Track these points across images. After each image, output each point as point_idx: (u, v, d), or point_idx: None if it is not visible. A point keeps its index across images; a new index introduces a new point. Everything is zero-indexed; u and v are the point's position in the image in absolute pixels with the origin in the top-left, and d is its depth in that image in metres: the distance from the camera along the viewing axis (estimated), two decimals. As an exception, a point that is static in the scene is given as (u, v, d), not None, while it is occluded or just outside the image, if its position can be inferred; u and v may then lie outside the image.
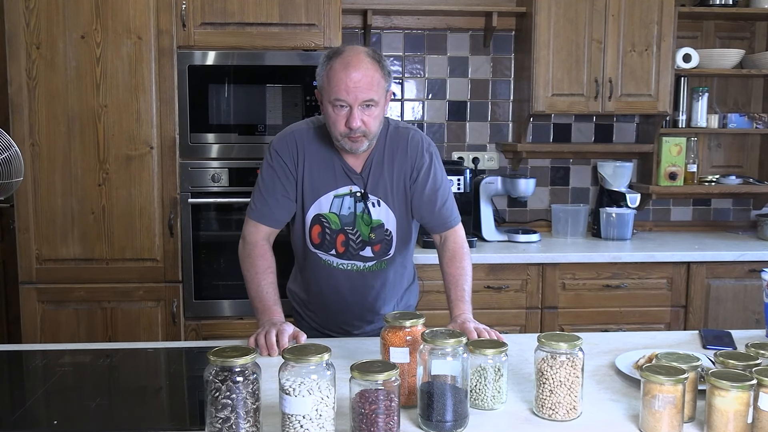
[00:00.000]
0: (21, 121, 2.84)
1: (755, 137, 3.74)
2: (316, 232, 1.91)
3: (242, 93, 2.95)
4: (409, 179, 1.90)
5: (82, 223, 2.91)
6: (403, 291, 2.08)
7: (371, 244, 1.92)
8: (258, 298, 1.86)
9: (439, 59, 3.58)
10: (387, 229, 1.92)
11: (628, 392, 1.49)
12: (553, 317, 3.12)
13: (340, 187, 1.88)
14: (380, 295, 2.00)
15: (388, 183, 1.89)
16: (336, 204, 1.89)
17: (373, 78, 1.73)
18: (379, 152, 1.89)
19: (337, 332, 2.03)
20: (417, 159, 1.90)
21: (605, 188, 3.54)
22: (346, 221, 1.89)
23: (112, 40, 2.84)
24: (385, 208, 1.90)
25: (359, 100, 1.72)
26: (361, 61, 1.73)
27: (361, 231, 1.90)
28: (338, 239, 1.90)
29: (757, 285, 3.10)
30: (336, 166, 1.88)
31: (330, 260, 1.94)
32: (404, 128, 1.94)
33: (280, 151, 1.89)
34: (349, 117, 1.74)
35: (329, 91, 1.74)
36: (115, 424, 1.41)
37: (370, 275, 1.95)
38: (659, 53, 3.29)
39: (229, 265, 3.00)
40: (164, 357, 1.85)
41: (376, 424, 1.19)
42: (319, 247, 1.93)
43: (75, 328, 2.93)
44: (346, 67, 1.72)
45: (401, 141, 1.90)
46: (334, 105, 1.75)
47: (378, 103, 1.76)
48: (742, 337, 1.84)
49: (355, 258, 1.93)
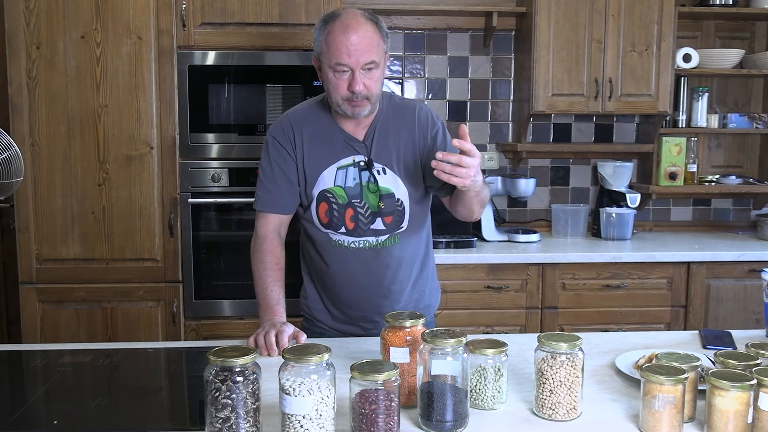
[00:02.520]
0: (21, 121, 2.84)
1: (755, 137, 3.74)
2: (323, 210, 1.87)
3: (242, 93, 2.95)
4: (421, 148, 1.88)
5: (82, 223, 2.91)
6: (418, 272, 2.00)
7: (381, 215, 1.87)
8: (262, 295, 1.86)
9: (439, 59, 3.58)
10: (398, 198, 1.87)
11: (628, 392, 1.49)
12: (553, 317, 3.12)
13: (342, 158, 1.86)
14: (396, 278, 1.93)
15: (394, 151, 1.86)
16: (340, 176, 1.86)
17: (372, 39, 1.73)
18: (383, 121, 1.87)
19: (352, 334, 1.96)
20: (430, 128, 1.89)
21: (605, 188, 3.54)
22: (353, 193, 1.86)
23: (112, 40, 2.84)
24: (392, 176, 1.87)
25: (360, 63, 1.71)
26: (359, 23, 1.73)
27: (369, 202, 1.86)
28: (347, 214, 1.86)
29: (757, 285, 3.10)
30: (336, 137, 1.86)
31: (341, 239, 1.89)
32: (409, 100, 1.95)
33: (276, 135, 1.89)
34: (351, 81, 1.72)
35: (329, 55, 1.73)
36: (115, 424, 1.41)
37: (384, 252, 1.90)
38: (659, 53, 3.29)
39: (229, 265, 3.00)
40: (164, 357, 1.85)
41: (376, 424, 1.19)
42: (328, 226, 1.88)
43: (75, 328, 2.93)
44: (345, 30, 1.71)
45: (407, 112, 1.90)
46: (335, 70, 1.73)
47: (379, 64, 1.75)
48: (742, 337, 1.84)
49: (366, 234, 1.88)
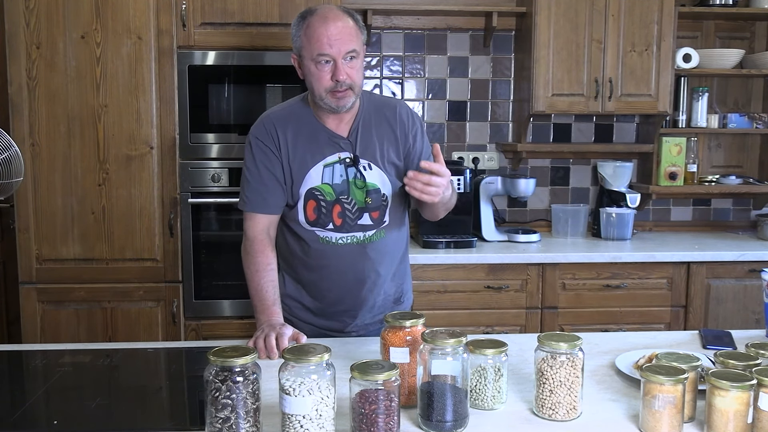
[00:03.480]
0: (21, 121, 2.84)
1: (755, 137, 3.74)
2: (311, 208, 1.89)
3: (242, 93, 2.95)
4: (402, 146, 1.93)
5: (82, 223, 2.91)
6: (398, 263, 2.03)
7: (368, 210, 1.90)
8: (257, 297, 1.86)
9: (439, 59, 3.58)
10: (383, 193, 1.91)
11: (628, 392, 1.49)
12: (553, 317, 3.12)
13: (327, 155, 1.88)
14: (379, 271, 1.95)
15: (378, 147, 1.90)
16: (327, 174, 1.88)
17: (352, 29, 1.78)
18: (365, 117, 1.91)
19: (332, 329, 1.98)
20: (410, 126, 1.95)
21: (605, 188, 3.54)
22: (340, 190, 1.88)
23: (112, 40, 2.84)
24: (378, 172, 1.90)
25: (342, 52, 1.75)
26: (337, 14, 1.78)
27: (356, 197, 1.89)
28: (334, 210, 1.88)
29: (757, 285, 3.10)
30: (321, 135, 1.88)
31: (328, 236, 1.90)
32: (388, 98, 2.01)
33: (260, 136, 1.89)
34: (334, 70, 1.76)
35: (310, 48, 1.76)
36: (115, 424, 1.41)
37: (370, 247, 1.92)
38: (659, 53, 3.29)
39: (229, 265, 3.00)
40: (164, 357, 1.85)
41: (376, 424, 1.19)
42: (315, 223, 1.90)
43: (75, 328, 2.93)
44: (324, 21, 1.75)
45: (388, 109, 1.94)
46: (317, 62, 1.76)
47: (359, 54, 1.79)
48: (742, 337, 1.84)
49: (354, 229, 1.90)
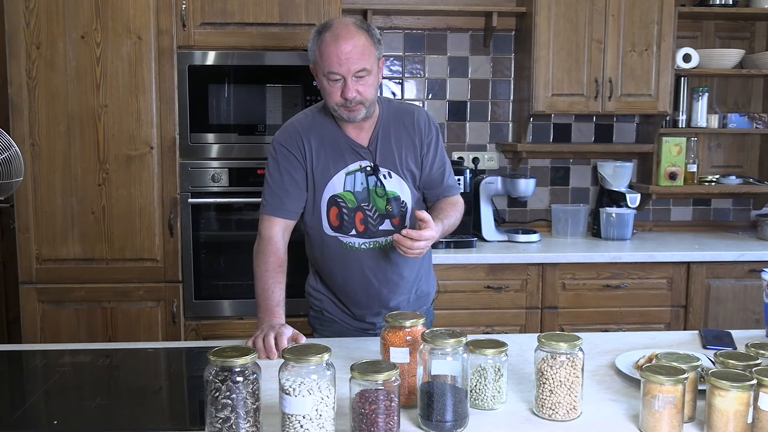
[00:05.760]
0: (21, 121, 2.84)
1: (755, 137, 3.74)
2: (333, 214, 1.93)
3: (242, 93, 2.95)
4: (419, 153, 1.96)
5: (82, 223, 2.91)
6: (420, 264, 2.06)
7: (390, 217, 1.94)
8: (263, 296, 1.87)
9: (439, 59, 3.58)
10: (403, 200, 1.95)
11: (628, 392, 1.49)
12: (553, 317, 3.12)
13: (349, 164, 1.92)
14: (403, 273, 2.00)
15: (397, 155, 1.93)
16: (349, 182, 1.91)
17: (363, 48, 1.78)
18: (384, 126, 1.94)
19: (361, 329, 2.04)
20: (426, 133, 1.97)
21: (605, 188, 3.54)
22: (361, 197, 1.92)
23: (112, 40, 2.84)
24: (397, 179, 1.94)
25: (352, 72, 1.77)
26: (350, 32, 1.78)
27: (377, 205, 1.92)
28: (356, 217, 1.92)
29: (757, 285, 3.10)
30: (342, 144, 1.91)
31: (352, 242, 1.94)
32: (408, 105, 2.03)
33: (285, 143, 1.92)
34: (344, 88, 1.78)
35: (322, 64, 1.80)
36: (115, 424, 1.41)
37: (393, 251, 1.93)
38: (659, 53, 3.29)
39: (229, 265, 3.00)
40: (164, 357, 1.85)
41: (376, 424, 1.19)
42: (338, 229, 1.94)
43: (75, 328, 2.93)
44: (336, 39, 1.77)
45: (406, 116, 1.97)
46: (329, 78, 1.80)
47: (371, 71, 1.80)
48: (742, 337, 1.84)
49: (376, 235, 1.94)
